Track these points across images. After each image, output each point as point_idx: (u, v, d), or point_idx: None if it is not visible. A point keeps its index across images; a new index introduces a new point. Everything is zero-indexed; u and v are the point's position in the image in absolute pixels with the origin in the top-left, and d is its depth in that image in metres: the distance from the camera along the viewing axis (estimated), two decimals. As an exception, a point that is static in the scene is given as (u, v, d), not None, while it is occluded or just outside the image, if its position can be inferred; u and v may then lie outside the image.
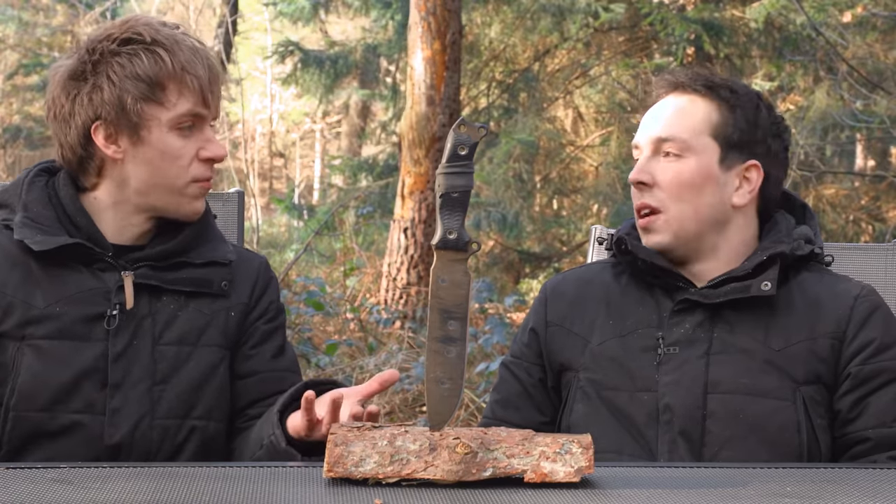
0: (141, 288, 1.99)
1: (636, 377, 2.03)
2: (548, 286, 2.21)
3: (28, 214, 1.98)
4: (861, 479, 1.65)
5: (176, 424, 1.97)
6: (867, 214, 9.96)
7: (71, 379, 1.93)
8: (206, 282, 2.04)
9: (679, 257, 2.08)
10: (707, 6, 9.41)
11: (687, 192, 2.05)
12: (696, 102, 2.09)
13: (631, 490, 1.53)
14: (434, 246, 1.56)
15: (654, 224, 2.06)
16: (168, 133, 1.98)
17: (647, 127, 2.11)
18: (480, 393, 5.52)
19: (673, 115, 2.08)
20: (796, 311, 2.03)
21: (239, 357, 2.08)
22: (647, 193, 2.06)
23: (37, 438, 1.93)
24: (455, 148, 1.54)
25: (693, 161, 2.05)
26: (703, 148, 2.06)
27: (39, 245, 1.94)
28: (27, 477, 1.54)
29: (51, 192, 2.02)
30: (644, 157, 2.09)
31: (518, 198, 9.97)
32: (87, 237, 1.99)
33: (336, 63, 11.21)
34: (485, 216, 9.80)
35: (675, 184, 2.05)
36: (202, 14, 12.28)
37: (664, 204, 2.05)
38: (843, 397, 2.00)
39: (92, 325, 1.96)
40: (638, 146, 2.11)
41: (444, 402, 1.56)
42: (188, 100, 1.98)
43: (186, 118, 1.98)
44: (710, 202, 2.06)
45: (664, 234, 2.06)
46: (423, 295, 8.06)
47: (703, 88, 2.09)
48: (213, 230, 2.11)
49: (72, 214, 2.00)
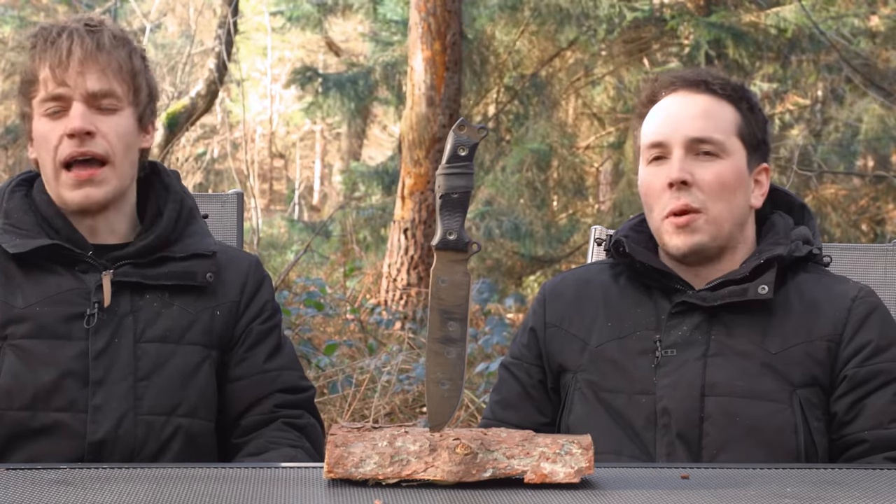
0: (123, 286, 2.00)
1: (634, 379, 2.02)
2: (546, 287, 2.20)
3: (9, 221, 2.02)
4: (860, 480, 1.65)
5: (160, 421, 1.98)
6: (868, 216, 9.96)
7: (52, 378, 1.94)
8: (188, 274, 2.04)
9: (704, 259, 2.05)
10: (727, 12, 9.39)
11: (726, 193, 2.03)
12: (721, 103, 2.07)
13: (631, 491, 1.53)
14: (434, 247, 1.56)
15: (695, 223, 2.02)
16: (39, 120, 2.02)
17: (677, 126, 2.04)
18: (480, 393, 5.52)
19: (704, 115, 2.05)
20: (794, 314, 2.02)
21: (233, 359, 2.08)
22: (687, 193, 2.02)
23: (19, 438, 1.93)
24: (455, 149, 1.54)
25: (730, 162, 2.04)
26: (735, 149, 2.05)
27: (17, 248, 1.98)
28: (27, 478, 1.54)
29: (30, 200, 2.06)
30: (680, 157, 2.03)
31: (532, 206, 9.95)
32: (67, 239, 2.01)
33: (356, 84, 11.09)
34: (496, 225, 9.77)
35: (716, 184, 2.02)
36: (202, 14, 12.27)
37: (704, 204, 2.02)
38: (840, 399, 2.00)
39: (72, 325, 1.97)
40: (664, 145, 2.05)
41: (445, 403, 1.56)
42: (45, 85, 2.00)
43: (48, 102, 2.00)
44: (741, 203, 2.06)
45: (703, 234, 2.02)
46: (424, 296, 8.06)
47: (722, 89, 2.07)
48: (197, 224, 2.11)
49: (49, 218, 2.03)
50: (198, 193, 2.25)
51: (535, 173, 10.00)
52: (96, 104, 1.99)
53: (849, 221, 9.67)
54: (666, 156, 2.05)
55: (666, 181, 2.02)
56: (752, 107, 2.10)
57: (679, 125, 2.05)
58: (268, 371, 2.09)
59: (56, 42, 1.99)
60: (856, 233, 9.74)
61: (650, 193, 2.06)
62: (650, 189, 2.06)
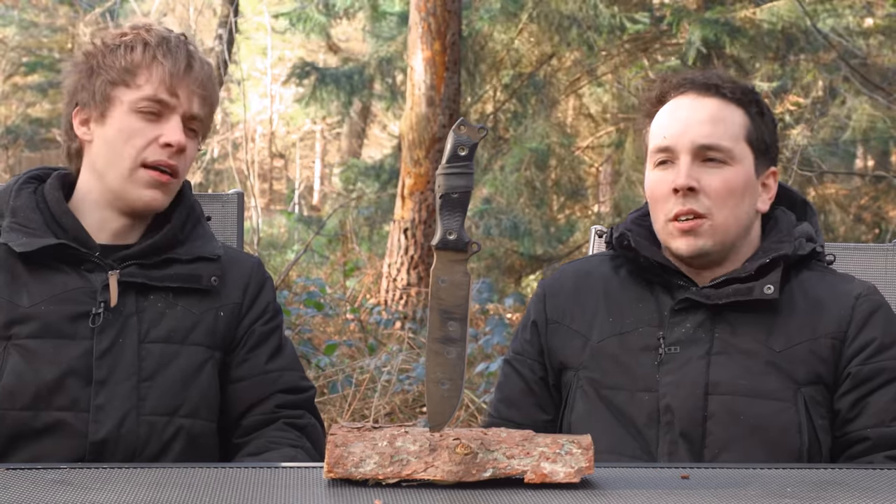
0: (128, 286, 2.01)
1: (636, 376, 2.02)
2: (545, 282, 2.20)
3: (16, 219, 2.02)
4: (861, 480, 1.64)
5: (162, 421, 1.98)
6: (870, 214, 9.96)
7: (55, 377, 1.94)
8: (194, 277, 2.05)
9: (709, 262, 2.05)
10: (723, 8, 9.39)
11: (732, 199, 2.02)
12: (730, 107, 2.06)
13: (631, 490, 1.53)
14: (434, 246, 1.56)
15: (699, 229, 2.01)
16: (129, 114, 2.03)
17: (685, 132, 2.04)
18: (480, 393, 5.52)
19: (712, 121, 2.04)
20: (798, 312, 2.02)
21: (235, 360, 2.09)
22: (693, 199, 2.01)
23: (21, 437, 1.94)
24: (455, 149, 1.54)
25: (737, 169, 2.03)
26: (743, 155, 2.04)
27: (23, 247, 1.98)
28: (27, 478, 1.54)
29: (38, 197, 2.06)
30: (687, 163, 2.02)
31: (531, 205, 9.95)
32: (74, 238, 2.02)
33: (351, 79, 11.20)
34: (495, 224, 9.77)
35: (723, 191, 2.02)
36: (202, 14, 12.27)
37: (710, 211, 2.02)
38: (843, 397, 2.00)
39: (77, 324, 1.97)
40: (671, 150, 2.04)
41: (445, 403, 1.56)
42: (153, 85, 2.02)
43: (149, 102, 2.02)
44: (747, 209, 2.05)
45: (707, 240, 2.02)
46: (424, 296, 8.06)
47: (731, 93, 2.06)
48: (203, 228, 2.13)
49: (58, 217, 2.03)
50: (198, 193, 2.25)
51: (535, 172, 9.99)
52: (188, 125, 2.06)
53: (852, 219, 9.67)
54: (673, 160, 2.04)
55: (672, 186, 2.02)
56: (761, 111, 2.08)
57: (687, 130, 2.03)
58: (269, 372, 2.10)
59: (175, 52, 2.04)
60: (859, 229, 9.74)
61: (656, 197, 2.06)
62: (656, 192, 2.06)
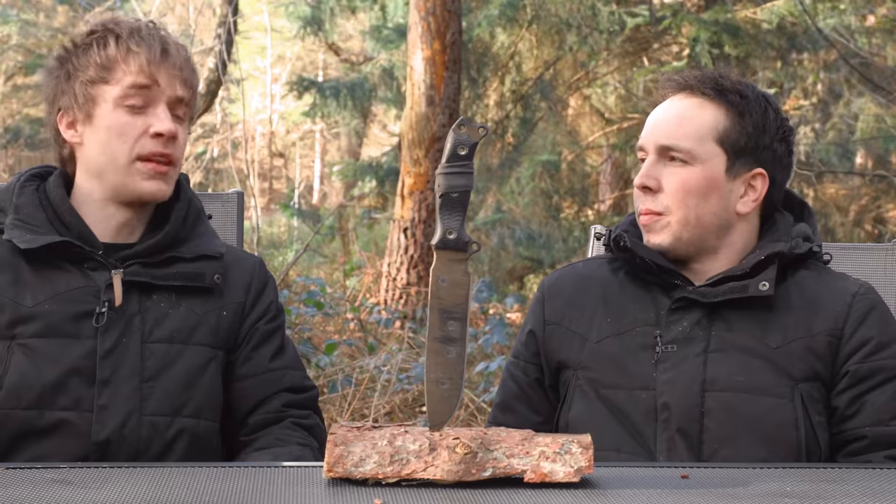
0: (131, 285, 2.00)
1: (634, 375, 2.03)
2: (545, 284, 2.21)
3: (19, 216, 2.01)
4: (860, 480, 1.65)
5: (165, 422, 1.98)
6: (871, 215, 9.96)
7: (58, 376, 1.94)
8: (197, 276, 2.05)
9: (679, 257, 2.08)
10: (722, 8, 9.39)
11: (691, 199, 2.04)
12: (704, 107, 2.07)
13: (631, 490, 1.53)
14: (434, 246, 1.56)
15: (654, 225, 2.06)
16: (114, 110, 2.02)
17: (652, 131, 2.09)
18: (480, 393, 5.52)
19: (679, 121, 2.06)
20: (794, 310, 2.03)
21: (239, 359, 2.09)
22: (651, 198, 2.06)
23: (25, 436, 1.93)
24: (455, 148, 1.54)
25: (699, 169, 2.04)
26: (709, 155, 2.05)
27: (27, 244, 1.97)
28: (27, 477, 1.54)
29: (41, 195, 2.06)
30: (650, 162, 2.07)
31: (548, 217, 9.96)
32: (77, 236, 2.01)
33: (353, 91, 11.15)
34: (509, 234, 9.78)
35: (680, 191, 2.04)
36: (202, 14, 12.27)
37: (669, 209, 2.05)
38: (841, 394, 2.00)
39: (81, 323, 1.97)
40: (643, 149, 2.10)
41: (444, 403, 1.56)
42: (132, 75, 2.01)
43: (131, 92, 2.01)
44: (714, 210, 2.05)
45: (664, 236, 2.06)
46: (423, 295, 8.06)
47: (711, 92, 2.07)
48: (204, 226, 2.12)
49: (62, 214, 2.03)
50: (198, 192, 2.25)
51: (549, 183, 10.02)
52: (174, 111, 2.04)
53: (851, 221, 9.67)
54: (645, 159, 2.10)
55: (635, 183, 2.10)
56: (747, 111, 2.06)
57: (654, 130, 2.09)
58: (273, 370, 2.10)
59: (148, 39, 2.02)
60: (858, 232, 9.74)
61: (636, 193, 2.12)
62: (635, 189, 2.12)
